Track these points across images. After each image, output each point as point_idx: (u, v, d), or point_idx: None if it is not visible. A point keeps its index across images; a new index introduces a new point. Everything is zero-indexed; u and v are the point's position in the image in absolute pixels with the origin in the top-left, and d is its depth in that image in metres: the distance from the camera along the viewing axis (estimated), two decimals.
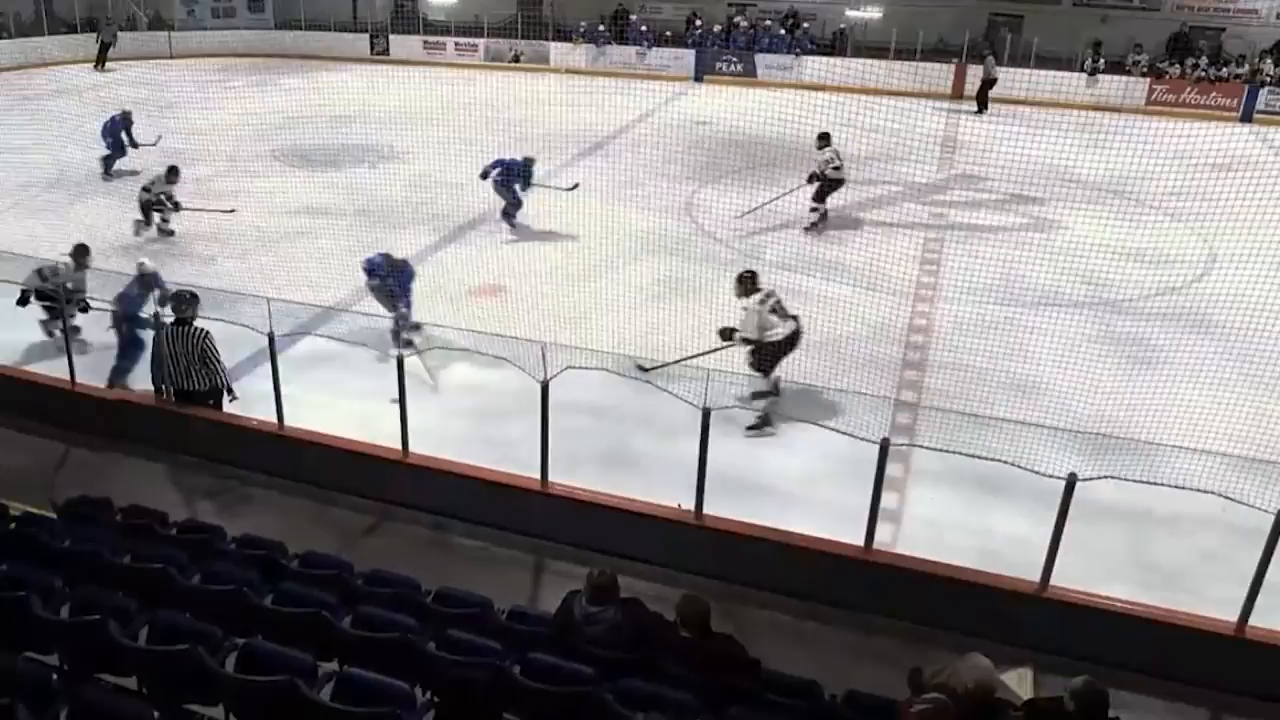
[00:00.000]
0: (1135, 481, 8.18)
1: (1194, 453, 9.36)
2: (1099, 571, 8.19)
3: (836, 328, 11.22)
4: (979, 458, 7.92)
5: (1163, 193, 17.05)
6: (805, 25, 31.39)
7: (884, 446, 7.70)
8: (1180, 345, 11.98)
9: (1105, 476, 8.39)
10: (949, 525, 8.73)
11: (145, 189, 15.91)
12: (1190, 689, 7.32)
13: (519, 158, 15.91)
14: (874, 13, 29.46)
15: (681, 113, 25.08)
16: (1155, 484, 8.44)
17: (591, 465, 9.15)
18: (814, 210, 16.23)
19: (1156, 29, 29.33)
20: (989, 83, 26.89)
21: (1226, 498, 7.58)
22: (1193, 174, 15.23)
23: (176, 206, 15.92)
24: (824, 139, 16.37)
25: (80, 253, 11.59)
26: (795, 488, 9.14)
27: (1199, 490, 8.31)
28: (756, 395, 10.35)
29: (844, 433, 8.24)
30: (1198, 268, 14.91)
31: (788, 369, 10.42)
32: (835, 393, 10.27)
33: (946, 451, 8.01)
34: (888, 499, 8.36)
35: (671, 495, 8.27)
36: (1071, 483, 7.63)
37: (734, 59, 30.35)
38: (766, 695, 5.67)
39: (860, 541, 7.86)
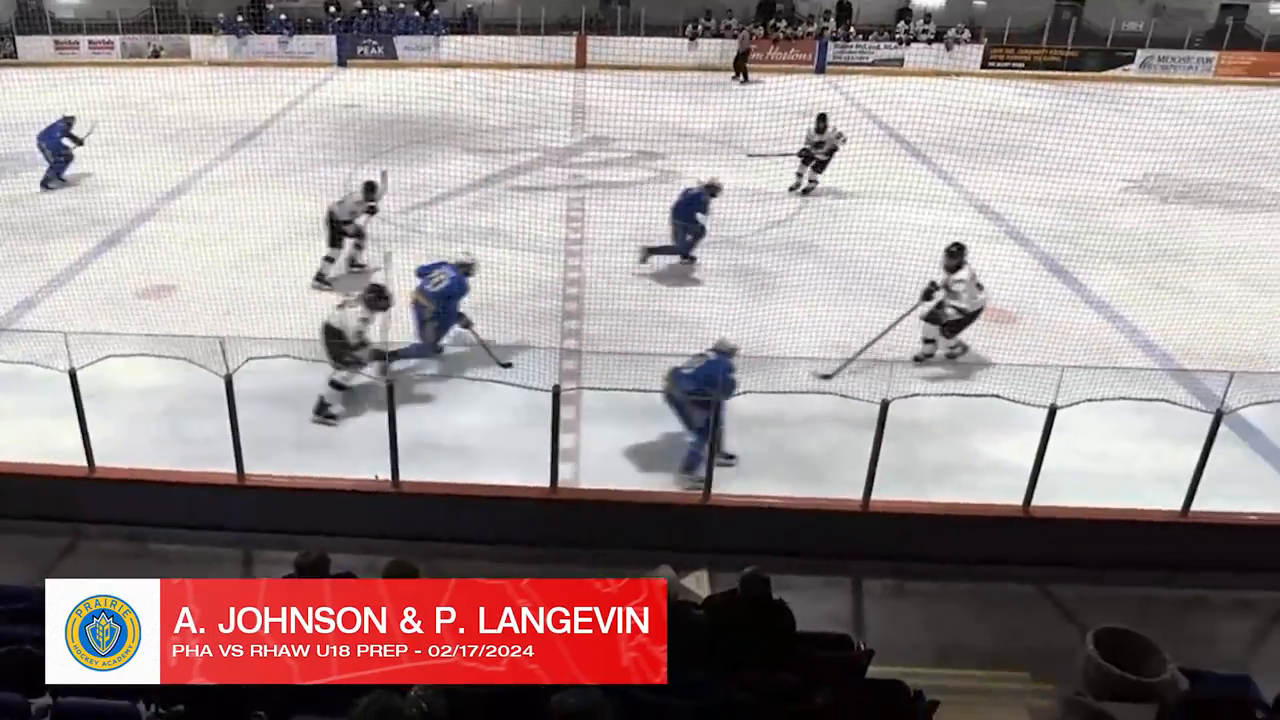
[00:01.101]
0: (767, 393, 8.72)
1: (811, 360, 10.09)
2: (752, 474, 8.69)
3: (501, 289, 11.21)
4: (640, 390, 8.20)
5: (762, 139, 18.01)
6: (436, 11, 30.84)
7: (556, 393, 7.79)
8: (790, 270, 12.76)
9: (745, 392, 8.87)
10: (623, 455, 8.98)
11: (339, 204, 12.48)
12: (831, 561, 7.93)
13: (696, 186, 13.07)
14: None
15: (329, 98, 24.11)
16: (783, 392, 9.04)
17: (287, 451, 8.75)
18: (812, 182, 16.30)
19: None
20: (744, 54, 27.44)
21: (843, 395, 8.23)
22: (783, 121, 16.19)
23: (359, 235, 12.63)
24: (823, 119, 16.40)
25: (369, 188, 12.25)
26: (482, 442, 9.11)
27: (819, 393, 8.99)
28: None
29: (519, 385, 8.29)
30: (796, 202, 15.91)
31: (460, 335, 10.34)
32: (507, 349, 10.29)
33: (611, 390, 8.22)
34: (566, 440, 8.49)
35: (369, 469, 8.06)
36: (717, 402, 8.03)
37: (374, 42, 29.44)
38: None
39: (546, 483, 7.96)
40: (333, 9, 30.63)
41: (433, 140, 17.15)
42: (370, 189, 12.62)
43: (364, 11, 30.46)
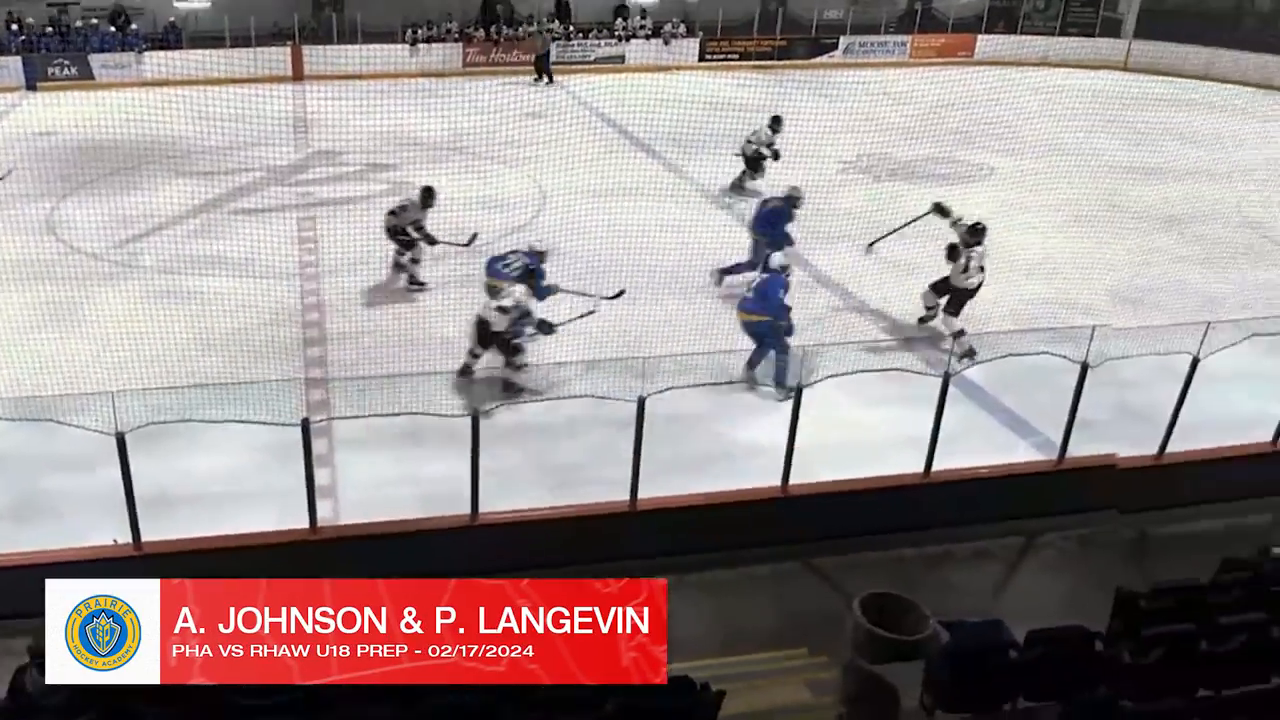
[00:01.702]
0: (527, 401, 8.69)
1: (570, 365, 10.10)
2: (519, 487, 8.62)
3: (232, 321, 10.64)
4: (397, 414, 7.96)
5: (495, 143, 17.92)
6: (134, 26, 28.92)
7: (305, 427, 7.46)
8: None
9: (502, 404, 8.79)
10: (385, 483, 8.70)
11: (393, 213, 12.56)
12: (604, 565, 7.96)
13: (776, 198, 12.83)
14: (202, 3, 27.78)
15: (20, 126, 22.17)
16: (545, 399, 9.03)
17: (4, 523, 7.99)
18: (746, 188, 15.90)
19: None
20: (544, 55, 26.84)
21: (600, 397, 8.27)
22: (515, 124, 16.19)
23: (431, 241, 12.66)
24: (778, 121, 16.27)
25: (427, 194, 12.49)
26: (227, 487, 8.61)
27: (578, 396, 9.02)
28: None
29: (263, 422, 7.87)
30: (534, 205, 15.92)
31: (192, 373, 9.74)
32: (246, 386, 9.76)
33: (366, 417, 7.95)
34: (321, 476, 8.15)
35: (99, 533, 7.45)
36: (475, 417, 7.90)
37: (66, 62, 27.29)
38: None
39: (305, 524, 7.61)
40: (15, 26, 28.18)
41: (142, 166, 16.07)
42: (429, 194, 12.85)
43: (50, 29, 28.18)
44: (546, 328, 10.45)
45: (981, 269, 11.36)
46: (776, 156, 16.31)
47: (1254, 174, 18.63)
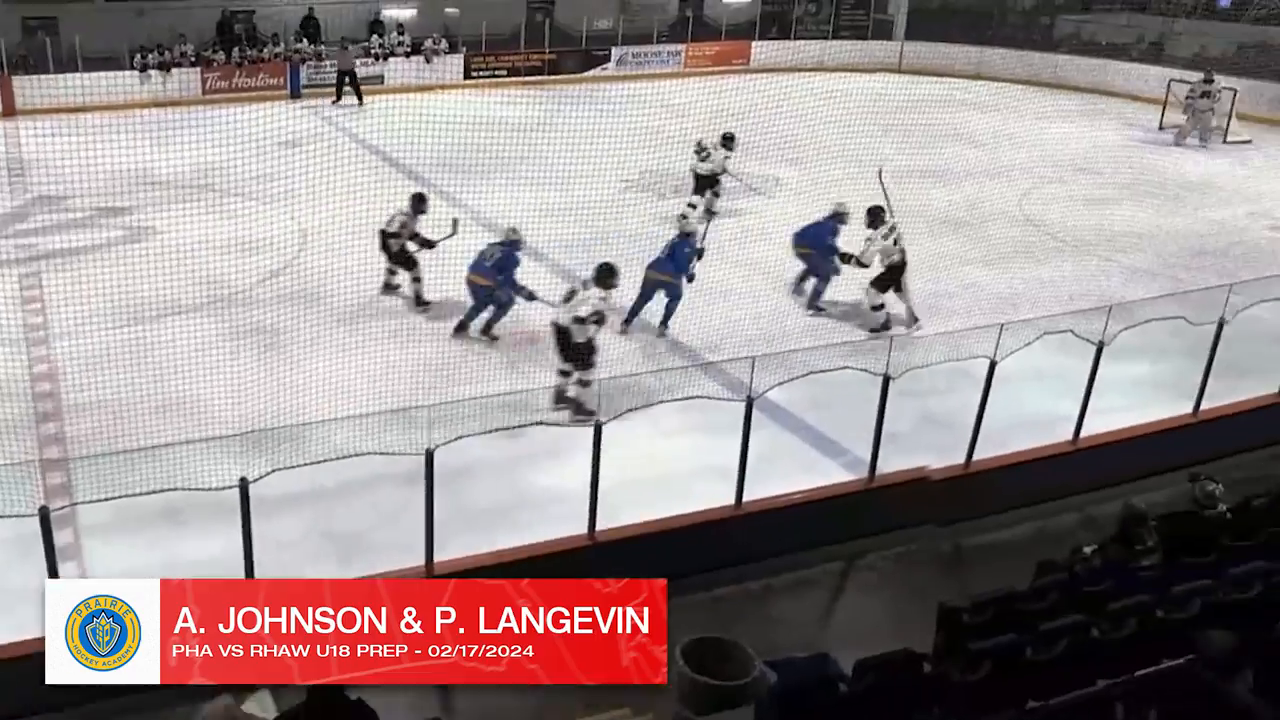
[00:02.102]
0: (298, 466, 8.35)
1: (342, 421, 9.79)
2: (299, 560, 8.29)
3: None
4: (153, 492, 7.52)
5: (246, 178, 17.29)
6: None
7: (44, 517, 6.96)
8: (299, 322, 12.33)
9: (271, 471, 8.44)
10: (141, 571, 8.19)
11: (392, 234, 13.17)
12: None
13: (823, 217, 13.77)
14: None
15: None
16: (315, 463, 8.70)
17: None
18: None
19: (198, 18, 29.31)
20: (346, 73, 26.14)
21: (380, 453, 8.05)
22: (267, 156, 15.65)
23: (428, 245, 13.16)
24: (730, 139, 17.27)
25: (419, 201, 13.18)
26: None
27: (356, 455, 8.73)
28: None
29: None
30: (293, 245, 15.46)
31: None
32: None
33: (118, 498, 7.49)
34: (66, 569, 7.61)
35: None
36: (244, 488, 7.57)
37: None
38: None
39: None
40: None
41: None
42: (421, 200, 13.44)
43: None
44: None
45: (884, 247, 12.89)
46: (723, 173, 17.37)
47: (1032, 171, 20.01)
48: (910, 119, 21.16)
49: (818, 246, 13.63)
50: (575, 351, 10.77)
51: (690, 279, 12.78)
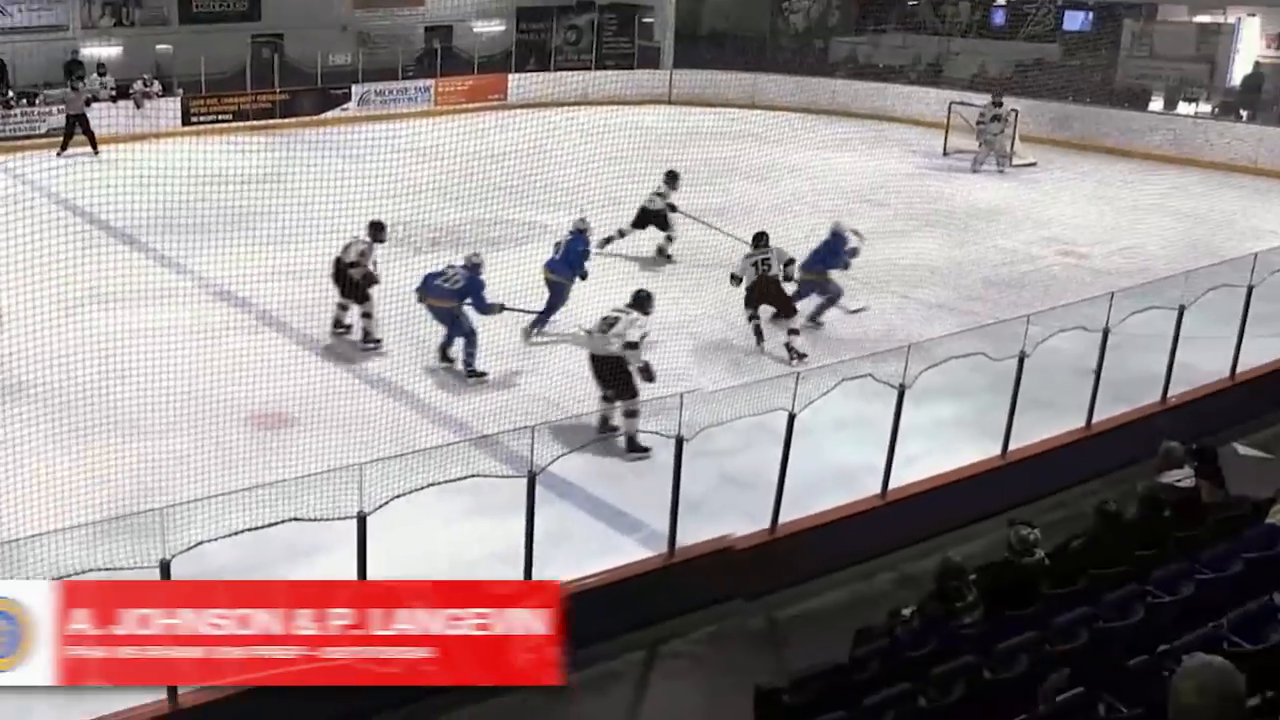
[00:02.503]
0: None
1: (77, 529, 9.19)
2: None
3: None
4: None
5: None
6: None
7: None
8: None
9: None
10: None
11: (351, 263, 14.11)
12: None
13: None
14: None
15: None
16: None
17: None
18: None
19: None
20: (75, 118, 25.16)
21: (110, 568, 7.58)
22: None
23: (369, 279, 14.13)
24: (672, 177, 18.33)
25: (378, 229, 14.48)
26: None
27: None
28: None
29: None
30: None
31: None
32: None
33: None
34: None
35: None
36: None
37: None
38: None
39: None
40: None
41: None
42: (380, 228, 14.60)
43: None
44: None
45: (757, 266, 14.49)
46: (672, 210, 18.33)
47: (817, 205, 20.79)
48: (685, 154, 21.67)
49: (832, 266, 15.20)
50: (624, 380, 11.67)
51: (583, 277, 14.49)
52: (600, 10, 34.87)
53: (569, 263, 14.60)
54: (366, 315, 14.21)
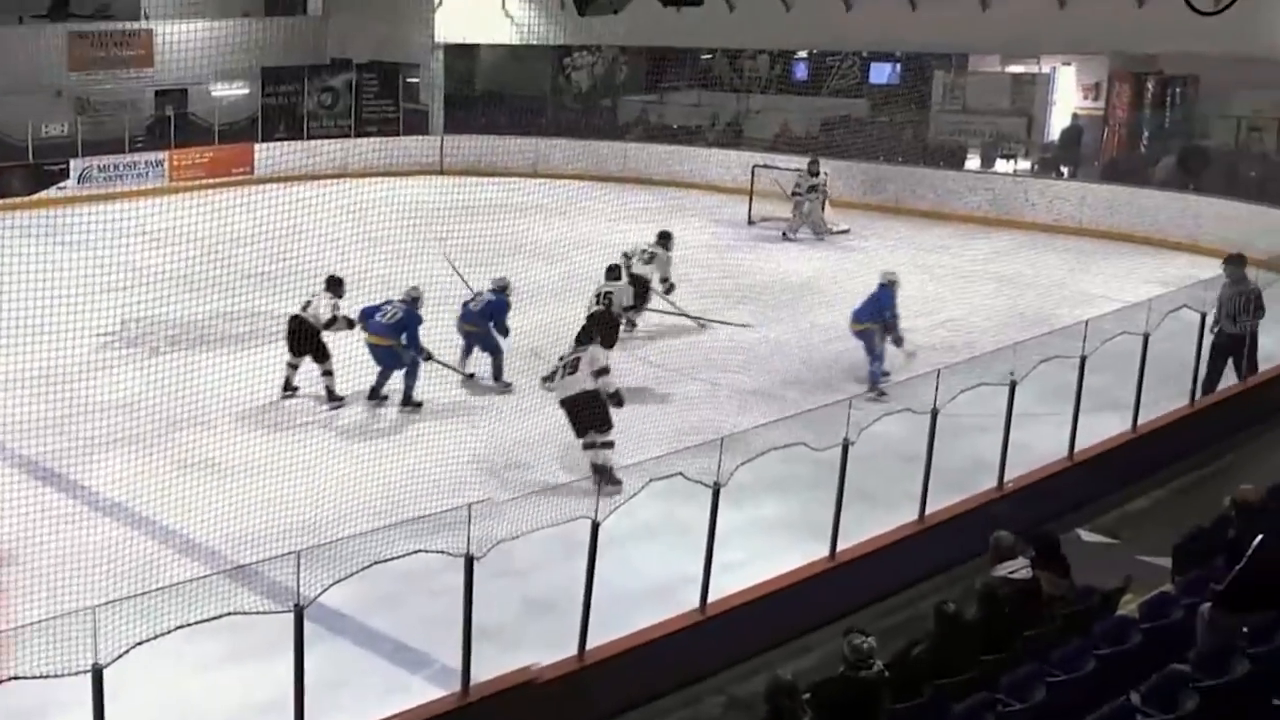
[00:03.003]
0: None
1: None
2: None
3: None
4: None
5: None
6: None
7: None
8: None
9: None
10: None
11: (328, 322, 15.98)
12: None
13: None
14: None
15: None
16: None
17: None
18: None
19: None
20: None
21: None
22: None
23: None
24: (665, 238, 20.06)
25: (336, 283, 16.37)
26: None
27: None
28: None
29: None
30: None
31: None
32: None
33: None
34: None
35: None
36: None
37: None
38: None
39: None
40: None
41: None
42: (338, 283, 16.37)
43: None
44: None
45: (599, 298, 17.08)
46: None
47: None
48: (460, 230, 21.68)
49: (880, 319, 16.76)
50: (602, 412, 13.55)
51: (504, 333, 16.78)
52: (359, 70, 34.84)
53: (486, 315, 16.77)
54: (328, 373, 15.97)
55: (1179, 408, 15.17)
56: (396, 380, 15.98)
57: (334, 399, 15.97)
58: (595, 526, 9.62)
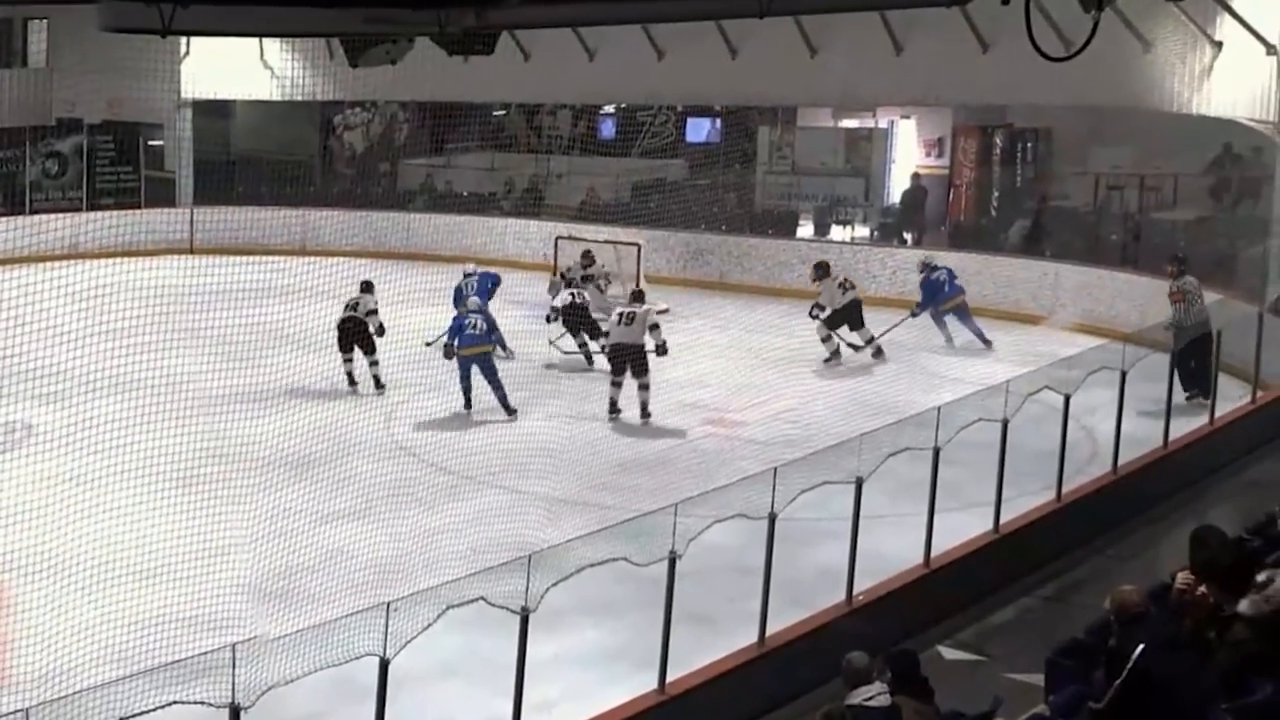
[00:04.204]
0: None
1: None
2: None
3: None
4: None
5: None
6: None
7: None
8: None
9: None
10: None
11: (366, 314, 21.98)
12: None
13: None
14: None
15: None
16: None
17: None
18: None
19: None
20: None
21: None
22: None
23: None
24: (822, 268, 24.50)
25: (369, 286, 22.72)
26: None
27: None
28: None
29: None
30: None
31: None
32: None
33: None
34: None
35: None
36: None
37: None
38: None
39: None
40: None
41: None
42: (370, 286, 22.52)
43: None
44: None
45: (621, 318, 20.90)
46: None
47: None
48: (215, 319, 21.31)
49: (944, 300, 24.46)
50: (644, 360, 20.37)
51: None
52: (91, 131, 34.11)
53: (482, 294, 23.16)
54: (375, 363, 21.36)
55: (1045, 502, 15.52)
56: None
57: (379, 386, 21.42)
58: (384, 665, 9.42)
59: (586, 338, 23.22)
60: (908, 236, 30.56)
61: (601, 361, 21.86)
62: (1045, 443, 15.73)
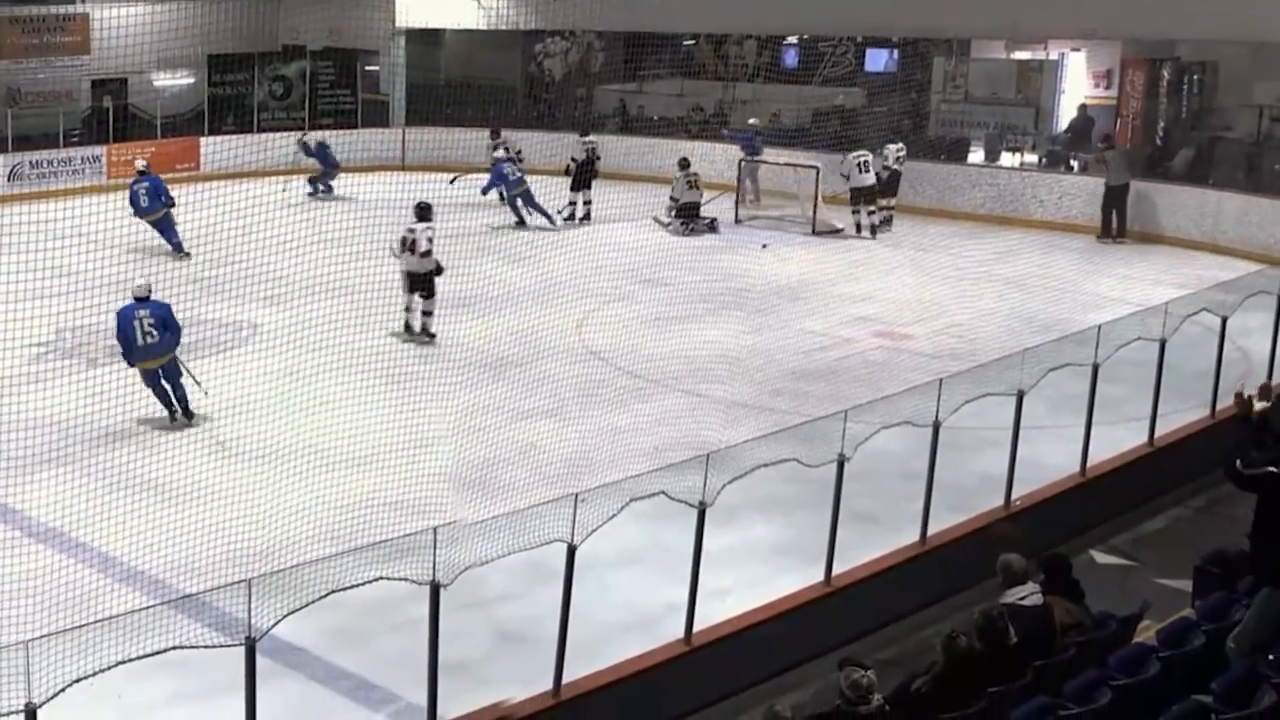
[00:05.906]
0: None
1: None
2: None
3: None
4: None
5: None
6: None
7: None
8: None
9: None
10: None
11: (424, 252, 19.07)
12: None
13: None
14: None
15: None
16: None
17: None
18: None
19: None
20: None
21: None
22: None
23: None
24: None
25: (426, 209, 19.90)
26: None
27: None
28: None
29: None
30: None
31: None
32: None
33: None
34: None
35: None
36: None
37: None
38: None
39: None
40: None
41: None
42: (427, 209, 19.66)
43: None
44: None
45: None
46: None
47: (589, 289, 21.03)
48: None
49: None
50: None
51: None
52: (313, 57, 34.73)
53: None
54: (428, 313, 19.10)
55: (1199, 419, 15.18)
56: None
57: (428, 335, 19.14)
58: (571, 551, 9.58)
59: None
60: (1074, 164, 29.94)
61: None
62: (1201, 363, 15.40)
